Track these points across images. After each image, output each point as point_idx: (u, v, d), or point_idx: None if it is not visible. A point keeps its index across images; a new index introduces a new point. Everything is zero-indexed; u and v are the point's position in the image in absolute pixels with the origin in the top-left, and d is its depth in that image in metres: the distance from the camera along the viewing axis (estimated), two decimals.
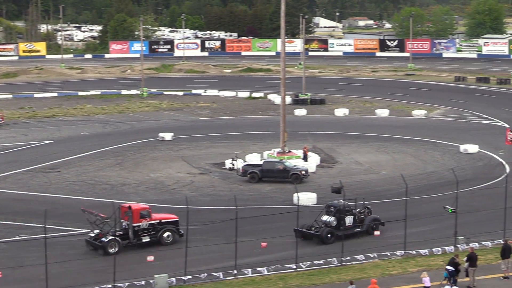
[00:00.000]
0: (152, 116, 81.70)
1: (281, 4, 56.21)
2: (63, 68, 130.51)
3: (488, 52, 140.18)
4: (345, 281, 30.91)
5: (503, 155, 55.16)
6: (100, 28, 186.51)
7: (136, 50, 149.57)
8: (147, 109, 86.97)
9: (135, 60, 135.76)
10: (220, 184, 50.58)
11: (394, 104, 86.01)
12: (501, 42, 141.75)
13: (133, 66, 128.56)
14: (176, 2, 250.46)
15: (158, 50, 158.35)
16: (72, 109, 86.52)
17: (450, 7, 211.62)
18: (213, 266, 33.43)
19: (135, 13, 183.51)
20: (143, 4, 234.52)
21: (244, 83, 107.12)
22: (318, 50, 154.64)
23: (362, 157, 57.91)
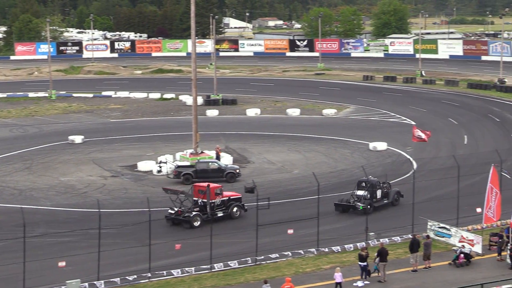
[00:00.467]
0: (61, 119, 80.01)
1: (191, 4, 56.06)
2: None
3: (394, 52, 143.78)
4: (260, 280, 31.11)
5: (411, 152, 56.63)
6: (5, 29, 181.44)
7: (43, 51, 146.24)
8: (56, 111, 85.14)
9: (43, 62, 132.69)
10: (133, 186, 50.04)
11: (304, 104, 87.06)
12: (407, 42, 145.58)
13: (40, 68, 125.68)
14: (84, 3, 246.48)
15: (66, 51, 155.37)
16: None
17: (357, 7, 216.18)
18: (127, 270, 33.00)
19: (41, 14, 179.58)
20: (49, 4, 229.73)
21: (155, 84, 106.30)
22: (228, 50, 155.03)
23: (274, 157, 58.38)
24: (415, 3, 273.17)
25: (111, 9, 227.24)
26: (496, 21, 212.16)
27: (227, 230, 38.72)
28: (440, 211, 40.57)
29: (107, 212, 41.16)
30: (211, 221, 37.24)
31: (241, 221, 40.84)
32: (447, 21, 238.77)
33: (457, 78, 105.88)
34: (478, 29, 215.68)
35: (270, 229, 37.60)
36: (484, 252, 34.59)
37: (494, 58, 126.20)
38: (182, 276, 32.61)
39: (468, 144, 62.15)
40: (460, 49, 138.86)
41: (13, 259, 32.99)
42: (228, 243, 37.01)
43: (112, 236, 37.35)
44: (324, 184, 46.95)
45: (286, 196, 45.92)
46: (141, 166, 54.42)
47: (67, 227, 39.55)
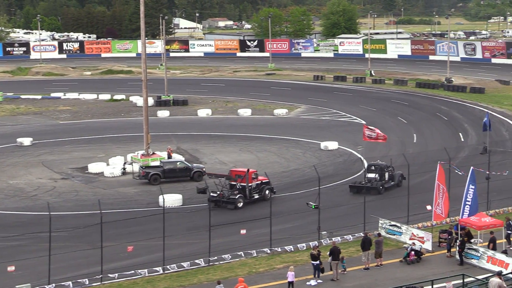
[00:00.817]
0: (9, 121, 78.67)
1: (140, 5, 55.69)
2: None
3: (344, 52, 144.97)
4: (213, 281, 31.04)
5: (362, 151, 57.16)
6: None
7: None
8: (3, 114, 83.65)
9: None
10: (84, 188, 49.49)
11: (256, 104, 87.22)
12: (356, 42, 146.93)
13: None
14: (30, 3, 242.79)
15: (13, 52, 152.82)
16: None
17: (307, 8, 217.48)
18: (79, 273, 32.63)
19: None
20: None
21: (105, 85, 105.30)
22: (179, 51, 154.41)
23: (226, 157, 58.35)
24: (364, 4, 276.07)
25: (59, 10, 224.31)
26: (443, 22, 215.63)
27: (180, 232, 38.57)
28: (391, 209, 41.11)
29: (58, 215, 40.70)
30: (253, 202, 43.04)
31: (194, 222, 40.71)
32: (395, 21, 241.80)
33: (405, 77, 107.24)
34: (425, 29, 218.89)
35: (223, 229, 37.62)
36: (434, 249, 35.12)
37: (441, 57, 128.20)
38: (134, 278, 32.37)
39: (417, 143, 63.01)
40: (408, 49, 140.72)
41: None
42: (181, 244, 36.87)
43: (63, 239, 36.91)
44: (276, 184, 47.20)
45: None
46: (92, 168, 53.87)
47: (17, 230, 38.94)
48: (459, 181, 39.81)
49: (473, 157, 54.06)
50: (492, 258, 32.42)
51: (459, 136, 65.98)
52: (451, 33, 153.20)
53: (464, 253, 33.41)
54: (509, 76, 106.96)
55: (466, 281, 29.08)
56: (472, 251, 33.37)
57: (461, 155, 57.11)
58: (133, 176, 51.74)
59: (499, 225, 34.78)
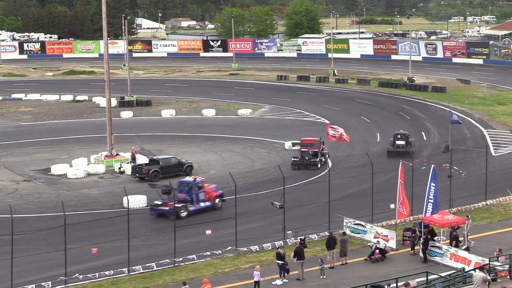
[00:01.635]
0: None
1: (102, 5, 55.36)
2: None
3: (307, 51, 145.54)
4: (179, 282, 30.96)
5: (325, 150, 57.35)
6: None
7: None
8: None
9: None
10: (46, 190, 48.96)
11: (220, 104, 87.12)
12: (319, 42, 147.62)
13: None
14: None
15: None
16: None
17: (270, 8, 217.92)
18: (42, 276, 32.30)
19: None
20: None
21: (68, 86, 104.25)
22: (142, 51, 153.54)
23: (190, 157, 58.05)
24: (326, 4, 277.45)
25: (19, 10, 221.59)
26: (404, 21, 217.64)
27: (145, 233, 38.41)
28: (355, 208, 41.43)
29: (20, 218, 40.28)
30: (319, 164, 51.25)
31: (159, 223, 40.54)
32: (357, 21, 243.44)
33: (368, 77, 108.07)
34: (387, 29, 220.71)
35: (188, 230, 37.55)
36: (398, 247, 35.46)
37: (403, 57, 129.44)
38: (99, 280, 32.15)
39: (381, 142, 63.49)
40: (370, 49, 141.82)
41: None
42: (146, 245, 36.75)
43: (26, 242, 36.53)
44: (241, 184, 47.18)
45: None
46: (55, 170, 53.32)
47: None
48: (422, 179, 40.25)
49: (436, 156, 54.69)
50: (455, 255, 32.82)
51: (421, 134, 66.67)
52: (413, 33, 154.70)
53: (427, 250, 33.78)
54: (469, 75, 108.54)
55: (430, 278, 29.41)
56: (436, 249, 33.75)
57: (424, 153, 57.73)
58: (132, 175, 51.98)
59: (461, 222, 35.22)
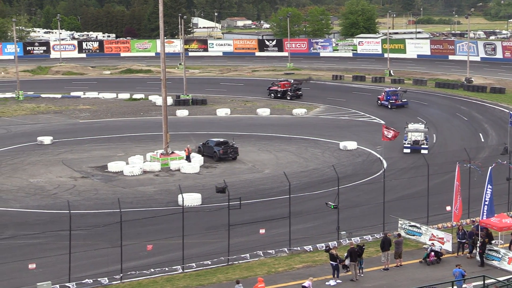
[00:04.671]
0: (29, 119, 79.21)
1: (159, 4, 55.90)
2: None
3: (363, 51, 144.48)
4: (232, 280, 31.08)
5: (381, 151, 57.01)
6: None
7: (9, 51, 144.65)
8: (23, 112, 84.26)
9: (9, 62, 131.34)
10: (103, 187, 49.73)
11: (274, 103, 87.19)
12: (375, 42, 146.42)
13: (7, 69, 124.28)
14: (50, 3, 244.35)
15: (34, 51, 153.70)
16: None
17: (326, 7, 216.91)
18: (99, 271, 32.80)
19: (7, 14, 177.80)
20: (15, 4, 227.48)
21: (125, 85, 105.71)
22: (198, 50, 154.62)
23: (245, 156, 58.37)
24: (383, 3, 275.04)
25: (78, 9, 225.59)
26: (463, 21, 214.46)
27: (199, 231, 38.67)
28: (410, 210, 40.98)
29: (78, 213, 40.98)
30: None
31: (213, 221, 40.78)
32: (414, 21, 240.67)
33: (425, 77, 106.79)
34: (444, 29, 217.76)
35: (242, 229, 37.67)
36: (454, 250, 34.94)
37: (461, 57, 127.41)
38: (154, 277, 32.50)
39: (437, 143, 62.70)
40: (427, 49, 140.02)
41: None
42: (200, 243, 36.99)
43: (83, 237, 37.11)
44: (295, 184, 47.06)
45: (257, 196, 46.05)
46: (112, 167, 54.10)
47: (37, 228, 39.18)
48: (479, 181, 39.57)
49: (494, 158, 53.68)
50: None
51: (479, 136, 65.61)
52: (471, 32, 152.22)
53: (485, 254, 33.23)
54: None
55: (487, 282, 28.92)
56: (493, 253, 33.19)
57: (482, 155, 56.79)
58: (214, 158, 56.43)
59: None
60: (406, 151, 58.64)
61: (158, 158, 55.32)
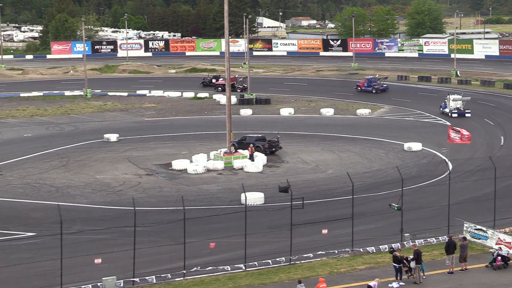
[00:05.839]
0: (96, 117, 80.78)
1: (224, 4, 56.22)
2: (3, 69, 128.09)
3: (429, 52, 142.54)
4: (294, 280, 31.03)
5: (446, 153, 56.19)
6: (41, 28, 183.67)
7: (78, 50, 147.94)
8: (91, 110, 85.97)
9: (78, 61, 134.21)
10: (167, 185, 50.29)
11: (338, 103, 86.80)
12: (441, 42, 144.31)
13: (76, 67, 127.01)
14: (118, 2, 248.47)
15: (101, 50, 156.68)
16: (14, 111, 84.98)
17: (391, 7, 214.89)
18: (162, 267, 33.20)
19: (76, 13, 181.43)
20: (84, 4, 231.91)
21: (189, 84, 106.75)
22: (262, 50, 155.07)
23: (308, 156, 58.28)
24: (450, 3, 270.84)
25: (145, 9, 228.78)
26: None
27: (261, 230, 38.74)
28: (476, 213, 40.25)
29: (142, 210, 41.45)
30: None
31: (275, 220, 40.81)
32: (482, 20, 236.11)
33: (493, 78, 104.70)
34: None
35: (304, 228, 37.58)
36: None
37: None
38: (216, 275, 32.70)
39: (505, 145, 61.41)
40: (496, 49, 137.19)
41: (50, 255, 33.38)
42: (262, 242, 37.03)
43: (147, 234, 37.61)
44: (359, 185, 46.79)
45: (320, 196, 45.88)
46: (176, 165, 54.68)
47: (103, 224, 39.88)
48: None
49: None
50: None
51: None
52: None
53: None
54: None
55: None
56: None
57: None
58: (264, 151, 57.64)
59: None
60: (454, 115, 74.10)
61: (221, 156, 55.66)
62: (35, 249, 36.28)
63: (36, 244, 37.21)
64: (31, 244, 37.32)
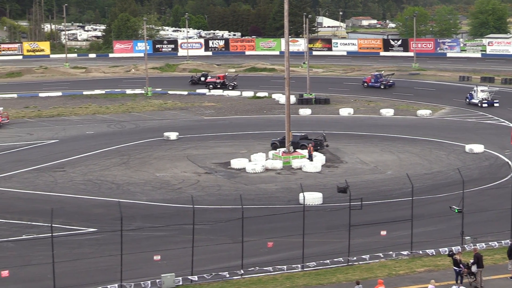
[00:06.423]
0: (156, 115, 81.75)
1: (284, 3, 56.19)
2: (67, 68, 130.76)
3: (492, 52, 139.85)
4: (352, 281, 30.87)
5: (509, 155, 55.10)
6: (104, 27, 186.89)
7: (140, 49, 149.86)
8: (151, 108, 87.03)
9: (139, 59, 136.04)
10: (226, 183, 50.56)
11: (398, 104, 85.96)
12: (505, 42, 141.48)
13: (137, 66, 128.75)
14: (179, 2, 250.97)
15: (162, 49, 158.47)
16: (77, 109, 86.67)
17: (454, 6, 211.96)
18: (220, 266, 33.40)
19: (138, 13, 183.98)
20: (146, 3, 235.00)
21: (248, 83, 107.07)
22: (322, 49, 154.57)
23: (367, 157, 57.88)
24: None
25: (206, 8, 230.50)
26: None
27: (319, 230, 38.63)
28: None
29: (201, 208, 41.78)
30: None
31: (333, 221, 40.66)
32: None
33: None
34: None
35: (363, 229, 37.32)
36: None
37: None
38: (274, 274, 32.73)
39: None
40: None
41: (111, 251, 33.98)
42: (320, 242, 36.92)
43: (206, 232, 37.88)
44: (418, 186, 46.20)
45: (379, 197, 45.50)
46: (234, 164, 54.93)
47: (162, 221, 40.37)
48: None
49: None
50: None
51: None
52: None
53: None
54: None
55: None
56: None
57: None
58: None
59: None
60: (484, 105, 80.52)
61: (280, 156, 55.70)
62: (96, 245, 36.96)
63: (97, 239, 37.91)
64: (93, 239, 38.03)
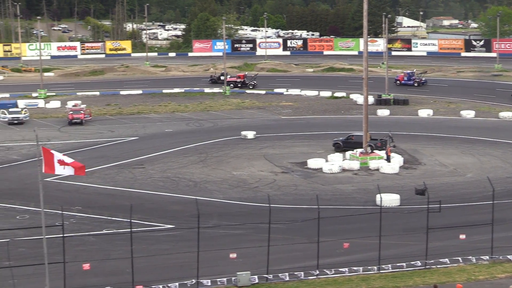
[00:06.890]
0: (234, 114, 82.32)
1: (364, 3, 55.76)
2: (148, 66, 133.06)
3: None
4: (429, 284, 30.41)
5: None
6: (184, 26, 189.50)
7: (219, 48, 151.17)
8: (229, 107, 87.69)
9: (218, 59, 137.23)
10: (302, 183, 50.51)
11: (480, 106, 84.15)
12: None
13: (216, 65, 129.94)
14: (258, 1, 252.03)
15: (241, 48, 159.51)
16: (156, 107, 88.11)
17: None
18: (295, 265, 33.39)
19: (217, 12, 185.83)
20: (225, 3, 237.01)
21: (326, 83, 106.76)
22: (401, 50, 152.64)
23: (446, 159, 56.87)
24: None
25: (284, 8, 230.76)
26: None
27: (396, 232, 38.19)
28: None
29: (277, 208, 41.83)
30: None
31: (411, 223, 40.12)
32: None
33: None
34: None
35: (441, 233, 36.68)
36: None
37: None
38: (349, 275, 32.54)
39: None
40: None
41: (188, 247, 34.34)
42: (397, 244, 36.50)
43: (281, 231, 37.86)
44: (500, 190, 45.08)
45: (458, 200, 44.66)
46: (311, 164, 54.83)
47: (239, 220, 40.67)
48: None
49: None
50: None
51: None
52: None
53: None
54: None
55: None
56: None
57: None
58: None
59: None
60: None
61: (357, 156, 55.31)
62: (174, 241, 37.50)
63: (175, 236, 38.46)
64: (170, 236, 38.60)
